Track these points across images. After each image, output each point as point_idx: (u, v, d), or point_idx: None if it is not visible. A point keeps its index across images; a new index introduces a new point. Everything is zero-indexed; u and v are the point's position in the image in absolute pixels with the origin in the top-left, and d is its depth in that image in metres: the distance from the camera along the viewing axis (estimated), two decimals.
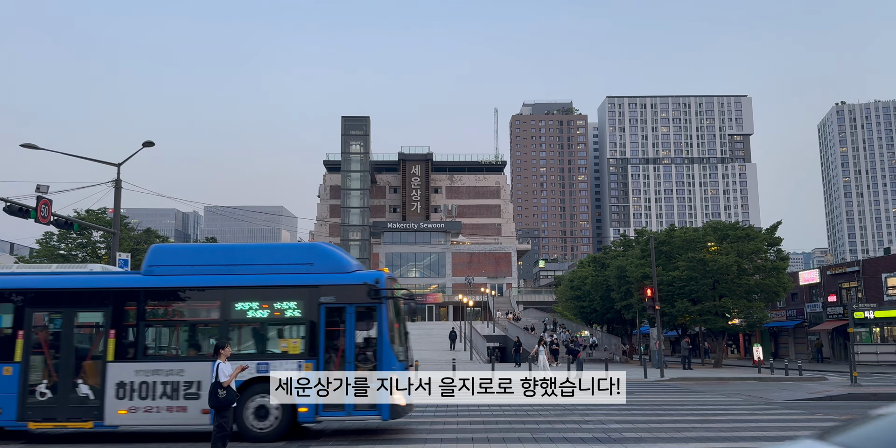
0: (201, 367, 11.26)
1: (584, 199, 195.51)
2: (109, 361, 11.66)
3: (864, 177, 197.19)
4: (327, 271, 12.20)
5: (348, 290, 11.91)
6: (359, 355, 11.72)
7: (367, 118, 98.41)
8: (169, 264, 12.34)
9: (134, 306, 12.14)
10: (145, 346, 12.00)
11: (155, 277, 12.20)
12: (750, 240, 39.73)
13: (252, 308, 12.16)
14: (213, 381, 9.21)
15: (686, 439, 11.41)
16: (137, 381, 11.48)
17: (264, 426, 11.43)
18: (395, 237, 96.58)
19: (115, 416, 11.46)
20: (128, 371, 11.58)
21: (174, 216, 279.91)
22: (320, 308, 11.77)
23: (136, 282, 12.31)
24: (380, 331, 11.71)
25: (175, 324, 12.57)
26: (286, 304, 12.18)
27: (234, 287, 12.10)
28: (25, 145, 27.06)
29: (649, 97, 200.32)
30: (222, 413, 9.23)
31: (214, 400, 9.19)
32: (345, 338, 11.74)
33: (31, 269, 13.42)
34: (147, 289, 12.20)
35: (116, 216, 30.81)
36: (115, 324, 11.90)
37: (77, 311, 12.20)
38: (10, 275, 12.78)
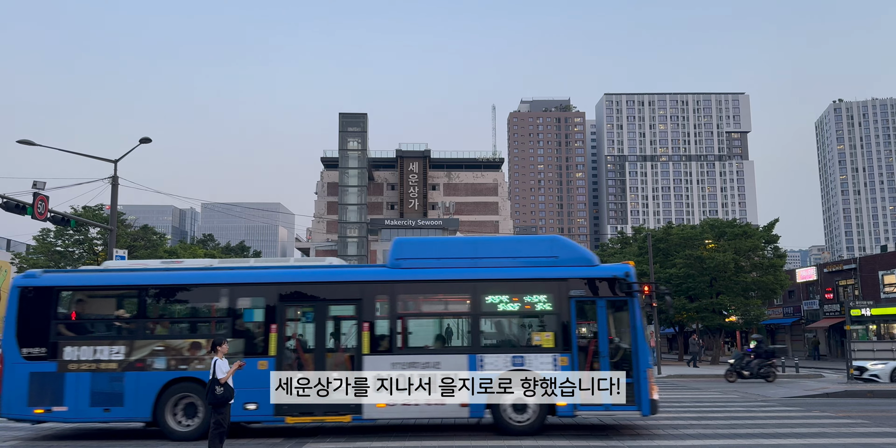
0: (457, 361, 11.52)
1: (581, 196, 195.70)
2: (365, 355, 11.64)
3: (861, 174, 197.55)
4: (573, 264, 12.17)
5: (598, 283, 11.93)
6: (612, 350, 11.72)
7: (364, 115, 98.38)
8: (415, 257, 12.34)
9: (386, 299, 12.10)
10: (399, 339, 11.92)
11: (405, 270, 12.19)
12: (747, 237, 39.79)
13: (502, 301, 12.14)
14: (211, 378, 9.19)
15: (683, 436, 11.43)
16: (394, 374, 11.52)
17: (522, 420, 11.49)
18: (393, 234, 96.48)
19: (374, 410, 11.46)
20: (384, 363, 11.57)
21: (171, 213, 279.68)
22: (570, 302, 11.79)
23: (386, 275, 12.24)
24: (634, 325, 11.72)
25: (427, 316, 12.56)
26: (536, 297, 12.11)
27: (485, 280, 12.08)
28: (22, 141, 27.00)
29: (647, 94, 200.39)
30: (220, 409, 9.22)
31: (212, 396, 9.17)
32: (597, 332, 11.74)
33: (269, 263, 13.37)
34: (399, 281, 12.15)
35: (113, 213, 30.77)
36: (368, 317, 11.87)
37: (329, 305, 12.17)
38: (258, 269, 12.76)
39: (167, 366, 11.67)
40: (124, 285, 12.49)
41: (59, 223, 28.20)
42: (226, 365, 9.26)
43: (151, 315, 12.33)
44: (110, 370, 11.66)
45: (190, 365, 11.65)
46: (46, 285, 12.22)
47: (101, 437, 12.26)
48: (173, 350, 11.75)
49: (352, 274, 12.65)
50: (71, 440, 11.92)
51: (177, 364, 11.67)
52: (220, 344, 9.47)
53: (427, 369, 11.48)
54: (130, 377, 11.60)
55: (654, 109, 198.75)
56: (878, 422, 13.07)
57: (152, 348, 11.78)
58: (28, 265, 36.96)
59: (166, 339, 11.96)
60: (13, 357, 11.76)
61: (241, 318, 12.09)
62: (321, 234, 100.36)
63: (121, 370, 11.66)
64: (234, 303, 12.10)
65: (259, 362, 11.57)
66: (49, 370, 11.63)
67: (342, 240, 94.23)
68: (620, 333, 11.95)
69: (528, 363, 11.50)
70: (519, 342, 12.07)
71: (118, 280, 12.59)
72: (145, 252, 37.26)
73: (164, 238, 43.69)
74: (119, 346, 11.80)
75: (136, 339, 11.88)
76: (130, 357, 11.74)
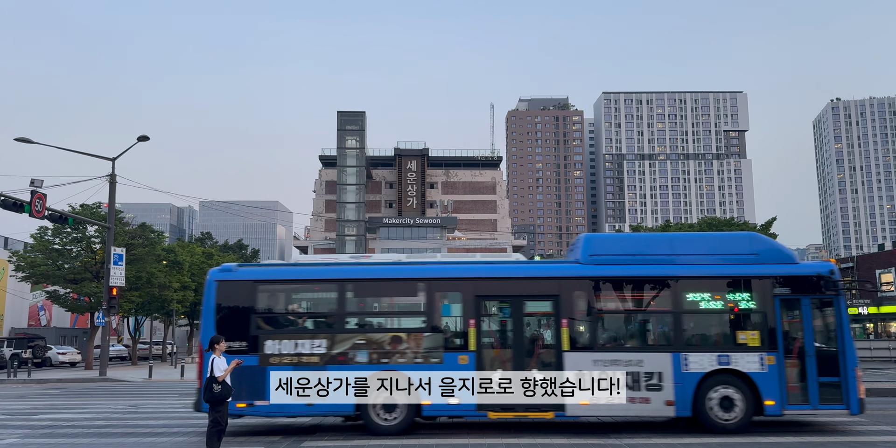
0: (660, 358, 11.51)
1: (579, 194, 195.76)
2: (565, 351, 11.62)
3: (858, 173, 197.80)
4: (776, 262, 12.12)
5: (801, 281, 11.90)
6: (819, 348, 11.71)
7: (362, 113, 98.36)
8: (610, 254, 12.30)
9: (584, 295, 12.07)
10: (599, 335, 11.92)
11: (601, 267, 12.14)
12: None
13: (704, 299, 12.06)
14: (208, 376, 9.17)
15: (680, 434, 11.46)
16: None
17: (729, 418, 11.42)
18: (391, 233, 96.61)
19: (577, 407, 11.45)
20: (585, 361, 11.55)
21: (169, 211, 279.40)
22: (775, 300, 11.77)
23: (583, 271, 12.17)
24: (839, 323, 11.70)
25: (626, 313, 12.40)
26: (739, 295, 12.03)
27: (687, 277, 12.03)
28: (20, 139, 26.99)
29: (645, 93, 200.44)
30: (217, 407, 9.20)
31: (209, 394, 9.15)
32: (803, 330, 11.72)
33: (455, 258, 13.40)
34: (597, 278, 12.12)
35: (111, 211, 30.75)
36: (566, 313, 11.82)
37: (525, 301, 12.13)
38: (455, 264, 12.81)
39: (369, 360, 11.69)
40: (323, 279, 12.49)
41: (57, 221, 28.19)
42: (223, 363, 9.25)
43: (351, 309, 12.37)
44: (312, 364, 11.67)
45: (391, 359, 11.68)
46: (245, 279, 12.23)
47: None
48: (375, 344, 11.77)
49: (548, 270, 12.65)
50: (67, 437, 11.92)
51: (379, 358, 11.68)
52: (218, 342, 9.44)
53: (630, 367, 11.48)
54: (333, 371, 11.63)
55: (652, 108, 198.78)
56: (874, 420, 13.10)
57: (353, 342, 11.81)
58: (25, 263, 36.90)
59: (367, 332, 11.98)
60: None
61: (440, 313, 12.11)
62: (319, 233, 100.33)
63: (323, 364, 11.68)
64: (431, 297, 12.11)
65: (459, 357, 11.62)
66: (251, 364, 11.57)
67: (340, 238, 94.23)
68: (826, 332, 11.96)
69: (734, 362, 11.49)
70: (723, 341, 11.97)
71: (316, 274, 12.61)
72: (143, 250, 37.21)
73: (161, 236, 43.64)
74: (320, 340, 11.82)
75: (336, 333, 11.90)
76: (332, 351, 11.75)
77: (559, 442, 10.77)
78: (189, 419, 14.18)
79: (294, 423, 13.18)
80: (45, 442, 11.59)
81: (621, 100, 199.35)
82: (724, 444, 10.48)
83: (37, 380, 28.01)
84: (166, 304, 40.46)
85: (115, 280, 29.04)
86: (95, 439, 11.78)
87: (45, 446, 11.17)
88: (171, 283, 40.28)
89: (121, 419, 14.49)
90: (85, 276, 36.16)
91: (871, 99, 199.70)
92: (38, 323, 55.64)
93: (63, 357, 42.25)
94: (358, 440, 11.14)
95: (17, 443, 11.53)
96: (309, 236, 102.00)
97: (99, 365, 29.98)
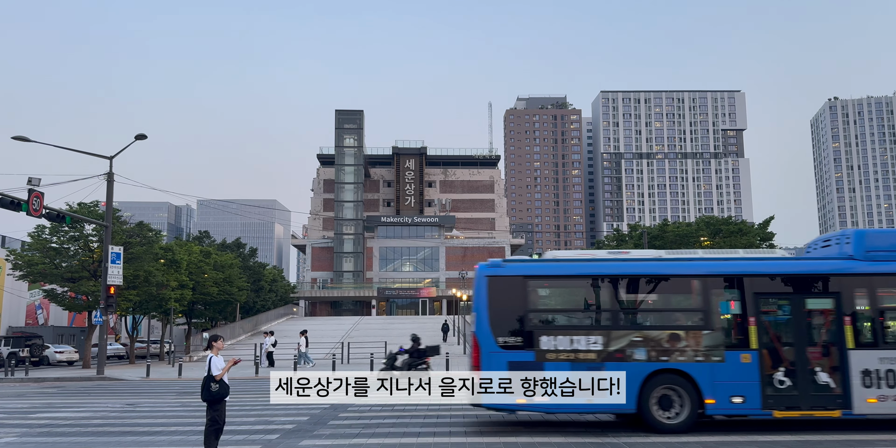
0: None
1: (577, 193, 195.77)
2: (850, 349, 11.55)
3: (856, 172, 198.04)
4: None
5: None
6: None
7: (360, 112, 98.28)
8: (887, 249, 12.21)
9: (865, 292, 12.00)
10: (885, 333, 11.85)
11: (882, 263, 12.07)
12: (743, 235, 39.90)
13: None
14: (206, 375, 9.16)
15: (679, 434, 11.45)
16: (883, 369, 11.42)
17: None
18: (389, 231, 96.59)
19: (864, 405, 11.36)
20: (871, 359, 11.48)
21: (167, 209, 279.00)
22: None
23: (864, 267, 12.09)
24: None
25: None
26: None
27: None
28: (17, 138, 26.93)
29: (643, 92, 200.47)
30: (215, 406, 9.19)
31: (207, 393, 9.13)
32: None
33: (720, 254, 13.16)
34: (879, 274, 12.02)
35: (109, 209, 30.69)
36: (847, 310, 11.76)
37: (804, 298, 12.06)
38: (729, 260, 12.65)
39: (647, 357, 11.64)
40: (594, 275, 12.36)
41: (55, 220, 28.16)
42: (221, 361, 9.22)
43: (626, 305, 12.30)
44: (589, 360, 11.59)
45: (671, 356, 11.62)
46: (516, 274, 12.18)
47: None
48: (652, 341, 11.70)
49: (826, 266, 12.48)
50: (64, 436, 11.90)
51: (657, 355, 11.64)
52: (216, 340, 9.39)
53: None
54: (611, 368, 11.50)
55: (650, 107, 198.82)
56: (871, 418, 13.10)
57: (630, 339, 11.73)
58: (23, 262, 36.83)
59: (643, 329, 11.91)
60: (489, 346, 11.69)
61: (717, 310, 12.02)
62: (317, 231, 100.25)
63: (600, 360, 11.59)
64: (707, 294, 12.03)
65: (742, 355, 11.56)
66: (527, 360, 11.56)
67: (338, 237, 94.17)
68: None
69: None
70: None
71: (588, 270, 12.46)
72: (140, 249, 37.15)
73: (159, 235, 43.58)
74: (596, 336, 11.73)
75: (612, 330, 11.83)
76: (609, 347, 11.68)
77: (557, 441, 10.77)
78: (187, 418, 14.18)
79: (286, 421, 13.16)
80: (42, 441, 11.57)
81: (619, 99, 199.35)
82: (721, 443, 10.49)
83: (34, 378, 27.98)
84: (164, 303, 40.43)
85: (113, 279, 29.00)
86: (93, 438, 11.77)
87: (43, 445, 11.15)
88: (169, 281, 40.23)
89: (118, 418, 14.47)
90: (82, 274, 36.10)
91: (869, 98, 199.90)
92: (35, 321, 55.57)
93: (60, 356, 42.22)
94: (357, 439, 11.13)
95: (14, 441, 11.51)
96: (307, 235, 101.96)
97: (96, 363, 29.95)
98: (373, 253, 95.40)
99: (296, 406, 16.42)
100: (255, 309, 63.36)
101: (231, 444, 10.81)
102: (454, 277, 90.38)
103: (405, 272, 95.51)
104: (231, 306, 55.57)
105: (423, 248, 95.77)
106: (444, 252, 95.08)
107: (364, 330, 56.11)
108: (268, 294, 66.08)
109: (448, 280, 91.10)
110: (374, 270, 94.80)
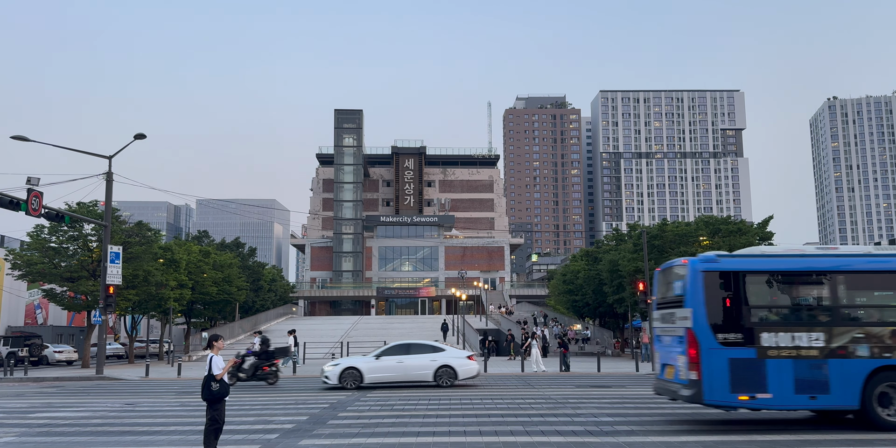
0: None
1: (576, 193, 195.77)
2: None
3: (855, 172, 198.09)
4: None
5: None
6: None
7: (360, 111, 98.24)
8: None
9: None
10: None
11: None
12: (742, 234, 39.82)
13: None
14: (207, 374, 9.18)
15: (677, 432, 11.46)
16: None
17: None
18: (388, 231, 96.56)
19: None
20: None
21: (166, 209, 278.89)
22: None
23: None
24: None
25: None
26: None
27: None
28: (16, 137, 26.90)
29: (642, 92, 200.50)
30: (215, 406, 9.21)
31: (208, 393, 9.17)
32: None
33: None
34: None
35: (108, 209, 30.66)
36: None
37: None
38: None
39: (870, 353, 11.52)
40: (815, 270, 12.21)
41: (53, 219, 28.12)
42: (221, 361, 9.25)
43: (847, 301, 12.14)
44: (811, 357, 11.47)
45: (894, 353, 11.52)
46: (733, 269, 12.01)
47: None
48: (874, 337, 11.60)
49: None
50: (63, 436, 11.89)
51: (880, 352, 11.54)
52: (217, 340, 9.42)
53: None
54: (834, 365, 11.40)
55: (649, 106, 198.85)
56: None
57: (852, 335, 11.60)
58: (22, 262, 36.79)
59: (865, 326, 11.76)
60: (709, 342, 11.52)
61: None
62: (317, 231, 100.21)
63: (822, 357, 11.48)
64: None
65: None
66: (748, 356, 11.42)
67: (337, 236, 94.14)
68: None
69: None
70: None
71: (807, 265, 12.30)
72: (139, 249, 37.12)
73: (158, 234, 43.53)
74: (817, 333, 11.61)
75: (833, 326, 11.69)
76: (831, 344, 11.55)
77: (556, 440, 10.78)
78: (186, 417, 14.17)
79: (281, 421, 13.15)
80: (41, 440, 11.56)
81: (619, 98, 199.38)
82: (720, 442, 10.50)
83: (33, 378, 27.96)
84: (163, 303, 40.40)
85: (112, 278, 28.98)
86: (92, 438, 11.76)
87: (42, 445, 11.14)
88: (168, 281, 40.21)
89: (118, 418, 14.46)
90: (82, 274, 36.07)
91: (868, 97, 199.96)
92: (34, 321, 55.53)
93: (60, 355, 42.18)
94: (356, 439, 11.12)
95: (13, 441, 11.50)
96: (306, 234, 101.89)
97: (96, 363, 29.93)
98: (372, 252, 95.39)
99: (295, 405, 16.44)
100: (255, 309, 63.32)
101: (230, 443, 10.80)
102: (453, 277, 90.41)
103: (404, 272, 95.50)
104: (230, 306, 55.54)
105: (422, 248, 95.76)
106: (443, 252, 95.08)
107: (363, 330, 56.12)
108: (267, 294, 66.05)
109: (447, 280, 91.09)
110: (373, 270, 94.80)
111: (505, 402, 16.37)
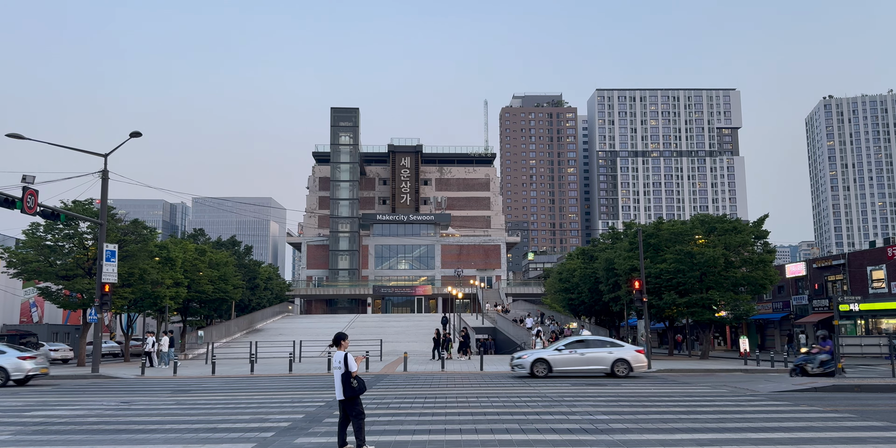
0: None
1: (573, 191, 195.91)
2: None
3: (850, 170, 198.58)
4: None
5: None
6: None
7: (356, 110, 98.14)
8: None
9: None
10: None
11: None
12: (737, 233, 39.94)
13: None
14: (344, 372, 9.35)
15: (672, 430, 11.49)
16: None
17: None
18: (385, 229, 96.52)
19: None
20: None
21: (162, 207, 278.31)
22: None
23: None
24: None
25: None
26: None
27: None
28: (11, 135, 26.82)
29: (638, 90, 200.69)
30: (357, 401, 9.47)
31: (349, 390, 9.34)
32: None
33: None
34: None
35: (103, 207, 30.59)
36: None
37: None
38: None
39: None
40: None
41: (49, 217, 28.05)
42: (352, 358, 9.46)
43: None
44: None
45: None
46: None
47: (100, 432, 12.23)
48: None
49: None
50: (59, 434, 11.89)
51: None
52: (344, 339, 9.59)
53: None
54: None
55: (645, 105, 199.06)
56: (864, 416, 13.19)
57: None
58: (17, 260, 36.71)
59: None
60: None
61: None
62: (313, 229, 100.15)
63: None
64: None
65: None
66: None
67: (334, 235, 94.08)
68: None
69: None
70: None
71: None
72: (135, 247, 37.05)
73: (154, 232, 43.44)
74: None
75: None
76: None
77: (552, 438, 10.80)
78: (182, 416, 14.16)
79: (278, 419, 13.15)
80: (37, 439, 11.54)
81: (615, 97, 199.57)
82: (716, 440, 10.54)
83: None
84: (159, 301, 40.33)
85: (108, 276, 28.94)
86: (88, 436, 11.74)
87: (38, 443, 11.12)
88: (164, 279, 40.15)
89: (113, 416, 14.44)
90: (77, 272, 36.00)
91: (864, 96, 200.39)
92: (29, 319, 55.41)
93: (55, 354, 42.07)
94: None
95: (8, 440, 11.48)
96: (302, 233, 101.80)
97: (91, 361, 29.88)
98: (368, 251, 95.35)
99: (291, 404, 16.45)
100: (251, 307, 63.26)
101: (226, 441, 10.80)
102: (450, 275, 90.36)
103: (401, 270, 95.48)
104: (226, 304, 55.48)
105: (418, 246, 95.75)
106: (439, 250, 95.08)
107: (359, 328, 56.12)
108: (263, 292, 65.99)
109: (443, 278, 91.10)
110: (369, 268, 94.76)
111: (501, 400, 16.40)
